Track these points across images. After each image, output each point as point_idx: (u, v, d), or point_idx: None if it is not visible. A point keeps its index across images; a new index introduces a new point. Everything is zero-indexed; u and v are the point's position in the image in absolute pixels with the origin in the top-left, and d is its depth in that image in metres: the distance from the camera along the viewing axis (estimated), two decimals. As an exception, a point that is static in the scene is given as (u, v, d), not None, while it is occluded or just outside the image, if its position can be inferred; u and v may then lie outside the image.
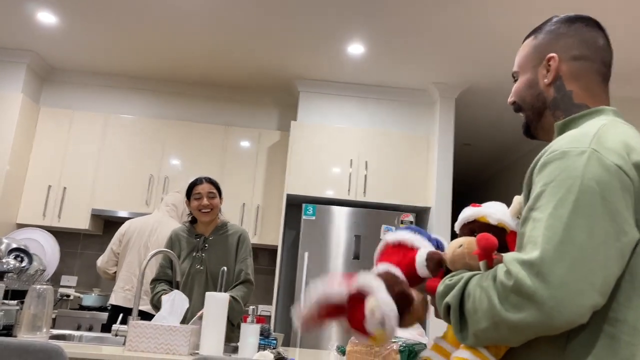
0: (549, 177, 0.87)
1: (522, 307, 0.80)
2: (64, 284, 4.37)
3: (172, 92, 4.71)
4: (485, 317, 0.84)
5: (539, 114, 1.08)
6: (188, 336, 2.05)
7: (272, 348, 2.24)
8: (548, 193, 0.86)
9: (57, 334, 2.44)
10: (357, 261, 3.88)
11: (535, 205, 0.87)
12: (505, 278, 0.83)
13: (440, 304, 0.95)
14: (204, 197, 2.59)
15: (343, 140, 4.22)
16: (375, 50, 3.85)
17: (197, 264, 2.59)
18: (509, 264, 0.83)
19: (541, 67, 1.07)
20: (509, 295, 0.81)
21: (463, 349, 0.92)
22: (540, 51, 1.08)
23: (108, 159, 4.34)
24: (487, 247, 0.90)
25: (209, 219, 2.62)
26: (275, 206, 4.35)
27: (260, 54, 4.04)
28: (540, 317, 0.79)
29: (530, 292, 0.79)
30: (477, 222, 1.01)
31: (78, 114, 4.41)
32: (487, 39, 3.55)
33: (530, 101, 1.08)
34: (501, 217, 1.00)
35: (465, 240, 0.98)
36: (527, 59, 1.10)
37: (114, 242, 3.22)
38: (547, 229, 0.82)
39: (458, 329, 0.91)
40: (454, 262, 0.98)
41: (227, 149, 4.43)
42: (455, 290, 0.91)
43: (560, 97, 1.04)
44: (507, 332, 0.83)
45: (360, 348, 2.03)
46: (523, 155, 5.49)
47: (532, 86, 1.08)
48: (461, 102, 4.57)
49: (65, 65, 4.52)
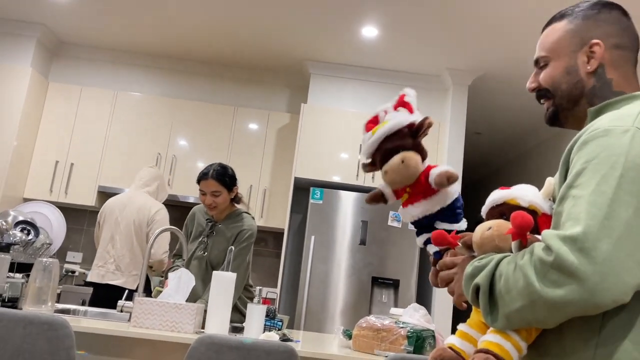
0: (591, 155, 0.84)
1: (562, 284, 0.77)
2: (70, 260, 4.38)
3: (182, 71, 4.67)
4: (520, 295, 0.82)
5: (574, 102, 1.03)
6: (194, 314, 2.03)
7: (277, 329, 2.22)
8: (590, 170, 0.83)
9: (62, 308, 2.44)
10: (363, 247, 3.86)
11: (575, 183, 0.84)
12: (544, 254, 0.80)
13: (468, 286, 0.92)
14: (208, 194, 2.48)
15: (353, 125, 4.17)
16: (389, 34, 3.78)
17: (200, 249, 2.56)
18: (549, 240, 0.80)
19: (581, 53, 1.02)
20: (548, 272, 0.78)
21: (492, 332, 0.88)
22: (580, 36, 1.02)
23: (116, 136, 4.31)
24: (522, 225, 0.86)
25: (214, 214, 2.57)
26: (283, 189, 4.32)
27: (272, 34, 3.98)
28: (582, 294, 0.76)
29: (572, 268, 0.76)
30: (506, 205, 0.97)
31: (87, 90, 4.38)
32: (502, 24, 3.48)
33: (567, 89, 1.03)
34: (533, 198, 0.96)
35: (494, 223, 0.95)
36: (562, 43, 1.04)
37: (96, 224, 3.24)
38: (591, 205, 0.79)
39: (488, 311, 0.88)
40: (483, 245, 0.95)
41: (235, 130, 4.39)
42: (486, 271, 0.88)
43: (600, 85, 1.00)
44: (544, 311, 0.80)
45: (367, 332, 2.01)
46: (533, 146, 5.42)
47: (571, 73, 1.02)
48: (473, 90, 4.50)
49: (75, 40, 4.47)
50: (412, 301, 3.76)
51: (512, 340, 0.87)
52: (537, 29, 3.48)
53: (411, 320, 2.04)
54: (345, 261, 3.84)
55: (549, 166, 5.04)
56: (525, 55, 3.84)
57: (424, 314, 2.10)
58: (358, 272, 3.83)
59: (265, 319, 2.19)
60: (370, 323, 2.00)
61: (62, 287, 3.80)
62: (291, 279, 4.41)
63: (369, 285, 3.82)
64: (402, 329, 1.88)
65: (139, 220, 3.09)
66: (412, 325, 1.91)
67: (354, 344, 2.06)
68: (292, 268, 4.44)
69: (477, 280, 0.89)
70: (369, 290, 3.81)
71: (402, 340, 1.87)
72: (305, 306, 3.75)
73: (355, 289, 3.81)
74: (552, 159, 5.01)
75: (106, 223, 3.15)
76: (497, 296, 0.86)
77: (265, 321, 2.20)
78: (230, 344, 1.70)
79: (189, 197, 4.25)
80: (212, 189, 2.47)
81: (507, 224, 0.94)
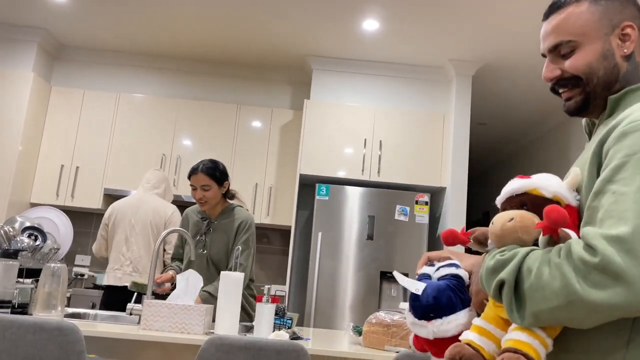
0: (632, 149, 0.80)
1: (606, 286, 0.74)
2: (78, 264, 4.39)
3: (184, 71, 4.66)
4: (555, 295, 0.78)
5: (609, 88, 0.97)
6: (203, 315, 2.03)
7: (287, 328, 2.21)
8: (633, 165, 0.79)
9: (72, 312, 2.44)
10: (370, 242, 3.85)
11: (616, 178, 0.80)
12: (587, 254, 0.76)
13: (490, 281, 0.87)
14: (198, 189, 2.52)
15: (357, 119, 4.15)
16: (390, 27, 3.75)
17: (199, 247, 2.57)
18: (592, 239, 0.77)
19: (614, 35, 0.97)
20: (590, 273, 0.75)
21: (517, 330, 0.84)
22: (609, 18, 0.97)
23: (120, 138, 4.31)
24: (557, 220, 0.81)
25: (205, 209, 2.59)
26: (288, 186, 4.31)
27: (272, 30, 3.96)
28: (628, 297, 0.73)
29: (619, 270, 0.73)
30: (528, 195, 0.91)
31: (89, 93, 4.38)
32: (505, 14, 3.44)
33: (604, 75, 0.97)
34: (557, 189, 0.90)
35: (516, 214, 0.89)
36: (593, 26, 0.97)
37: (101, 227, 3.23)
38: (637, 204, 0.76)
39: (513, 308, 0.84)
40: (504, 237, 0.89)
41: (239, 128, 4.38)
42: (512, 265, 0.84)
43: (632, 69, 0.96)
44: (583, 312, 0.77)
45: (377, 328, 2.00)
46: (538, 136, 5.38)
47: (607, 57, 0.96)
48: (477, 81, 4.46)
49: (76, 43, 4.47)
50: (422, 295, 3.74)
51: (539, 338, 0.83)
52: (539, 17, 3.44)
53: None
54: (353, 256, 3.83)
55: (554, 158, 5.00)
56: (528, 44, 3.80)
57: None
58: (366, 267, 3.82)
59: (274, 317, 2.19)
60: (380, 319, 1.99)
61: (72, 291, 3.81)
62: (300, 276, 4.41)
63: (378, 279, 3.81)
64: (413, 324, 1.87)
65: (156, 222, 3.16)
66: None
67: (364, 341, 2.05)
68: (300, 265, 4.44)
69: (501, 276, 0.84)
70: (377, 285, 3.80)
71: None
72: (315, 303, 3.74)
73: (364, 284, 3.80)
74: (556, 150, 4.97)
75: (118, 226, 3.17)
76: (524, 293, 0.82)
77: (275, 319, 2.20)
78: (240, 344, 1.69)
79: (194, 197, 4.25)
80: (202, 182, 2.50)
81: (530, 215, 0.89)
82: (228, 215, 2.61)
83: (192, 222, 2.64)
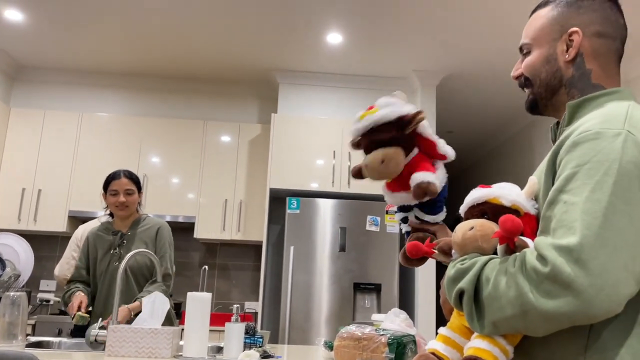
0: (582, 159, 0.81)
1: (557, 295, 0.75)
2: (43, 289, 4.25)
3: (148, 88, 4.60)
4: (511, 304, 0.79)
5: (552, 91, 1.01)
6: (170, 338, 1.98)
7: (258, 346, 2.18)
8: (582, 175, 0.80)
9: (34, 341, 2.35)
10: (343, 253, 3.84)
11: (567, 188, 0.82)
12: (539, 264, 0.77)
13: (451, 289, 0.88)
14: (121, 193, 2.52)
15: (325, 132, 4.15)
16: (354, 39, 3.79)
17: (115, 261, 2.52)
18: (543, 249, 0.78)
19: (561, 41, 0.99)
20: (542, 282, 0.76)
21: (479, 338, 0.85)
22: (560, 24, 0.99)
23: (84, 158, 4.21)
24: (512, 230, 0.83)
25: (125, 215, 2.57)
26: (259, 201, 4.28)
27: (237, 45, 3.95)
28: (577, 305, 0.74)
29: (569, 279, 0.74)
30: (488, 204, 0.93)
31: (50, 114, 4.27)
32: (467, 24, 3.51)
33: (545, 78, 1.01)
34: (516, 198, 0.92)
35: (476, 223, 0.91)
36: (544, 31, 1.01)
37: (72, 248, 3.13)
38: (585, 214, 0.77)
39: (473, 317, 0.84)
40: (465, 245, 0.91)
41: (206, 144, 4.34)
42: (470, 274, 0.85)
43: (579, 75, 0.98)
44: (537, 321, 0.78)
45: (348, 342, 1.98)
46: (503, 142, 5.49)
47: (550, 62, 1.00)
48: (442, 90, 4.53)
49: (35, 63, 4.37)
50: (396, 304, 3.75)
51: (499, 345, 0.84)
52: (499, 29, 3.52)
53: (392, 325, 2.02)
54: (326, 269, 3.81)
55: (520, 161, 5.10)
56: (489, 54, 3.88)
57: (404, 319, 2.08)
58: (340, 279, 3.80)
59: (244, 336, 2.15)
60: (350, 333, 1.97)
61: (37, 318, 3.68)
62: (273, 292, 4.36)
63: (352, 291, 3.79)
64: (383, 336, 1.86)
65: None
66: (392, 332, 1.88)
67: (335, 355, 2.03)
68: (273, 280, 4.39)
69: (461, 285, 0.86)
70: (351, 297, 3.79)
71: (383, 348, 1.84)
72: (289, 318, 3.70)
73: (338, 296, 3.78)
74: (521, 154, 5.08)
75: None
76: (483, 302, 0.83)
77: (245, 338, 2.16)
78: (208, 367, 1.65)
79: (165, 215, 4.18)
80: (126, 187, 2.52)
81: (490, 223, 0.91)
82: (142, 225, 2.61)
83: (100, 240, 2.57)
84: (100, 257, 2.56)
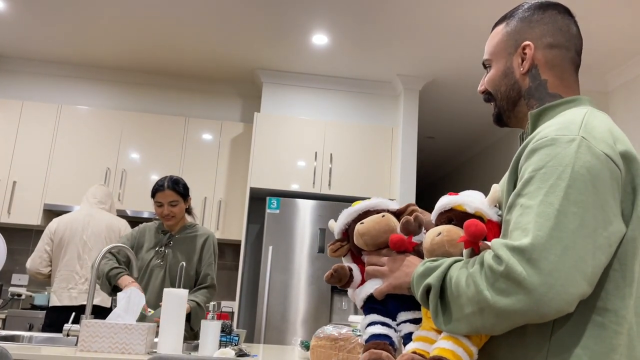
0: (538, 164, 0.85)
1: (510, 293, 0.78)
2: (15, 283, 4.17)
3: (130, 82, 4.54)
4: (470, 302, 0.83)
5: (513, 103, 1.05)
6: (145, 334, 1.96)
7: (234, 345, 2.17)
8: (538, 180, 0.84)
9: (5, 334, 2.30)
10: (322, 255, 3.84)
11: (523, 192, 0.86)
12: (494, 263, 0.81)
13: (419, 285, 0.92)
14: (165, 205, 2.53)
15: (307, 133, 4.16)
16: (340, 42, 3.80)
17: (158, 258, 2.54)
18: (498, 250, 0.82)
19: (516, 55, 1.04)
20: (497, 281, 0.80)
21: (445, 339, 0.89)
22: (514, 39, 1.05)
23: (61, 151, 4.14)
24: (476, 234, 0.88)
25: (172, 224, 2.59)
26: (238, 200, 4.26)
27: (221, 43, 3.93)
28: (528, 303, 0.77)
29: (520, 278, 0.78)
30: (454, 211, 0.98)
31: (28, 105, 4.19)
32: (452, 30, 3.55)
33: (505, 91, 1.05)
34: (479, 205, 0.97)
35: (444, 228, 0.96)
36: (500, 46, 1.07)
37: (45, 241, 3.07)
38: (539, 216, 0.81)
39: (437, 313, 0.88)
40: (433, 250, 0.96)
41: (187, 141, 4.30)
42: (438, 272, 0.89)
43: (535, 86, 1.02)
44: (493, 318, 0.81)
45: (324, 342, 1.99)
46: (485, 148, 5.56)
47: (507, 75, 1.05)
48: (425, 95, 4.57)
49: (14, 53, 4.28)
50: (372, 307, 3.76)
51: (463, 346, 0.87)
52: (483, 35, 3.57)
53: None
54: (304, 270, 3.81)
55: (499, 168, 5.18)
56: (472, 62, 3.93)
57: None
58: (317, 280, 3.81)
59: (220, 334, 2.14)
60: (327, 333, 1.98)
61: (8, 312, 3.60)
62: (250, 291, 4.34)
63: (329, 293, 3.80)
64: (359, 336, 1.87)
65: (110, 237, 3.10)
66: (369, 333, 1.90)
67: (312, 355, 2.03)
68: (251, 280, 4.37)
69: (428, 280, 0.90)
70: (329, 298, 3.79)
71: (359, 348, 1.85)
72: (265, 318, 3.69)
73: (315, 297, 3.78)
74: (501, 161, 5.15)
75: (69, 243, 3.06)
76: (448, 299, 0.88)
77: (221, 337, 2.15)
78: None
79: (142, 212, 4.13)
80: (170, 199, 2.52)
81: (457, 229, 0.95)
82: (192, 231, 2.63)
83: (149, 235, 2.60)
84: (144, 250, 2.56)
